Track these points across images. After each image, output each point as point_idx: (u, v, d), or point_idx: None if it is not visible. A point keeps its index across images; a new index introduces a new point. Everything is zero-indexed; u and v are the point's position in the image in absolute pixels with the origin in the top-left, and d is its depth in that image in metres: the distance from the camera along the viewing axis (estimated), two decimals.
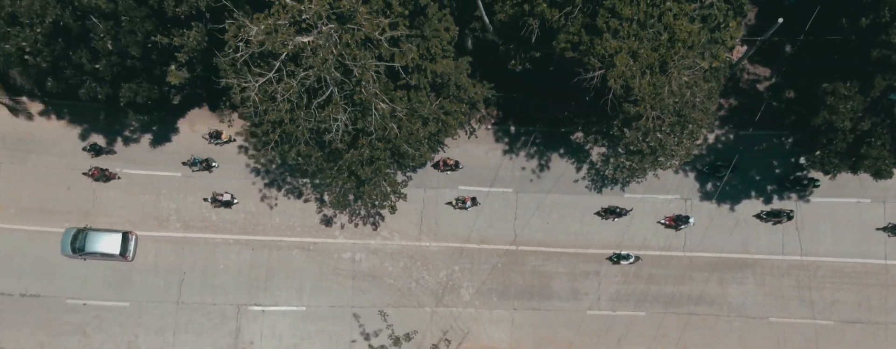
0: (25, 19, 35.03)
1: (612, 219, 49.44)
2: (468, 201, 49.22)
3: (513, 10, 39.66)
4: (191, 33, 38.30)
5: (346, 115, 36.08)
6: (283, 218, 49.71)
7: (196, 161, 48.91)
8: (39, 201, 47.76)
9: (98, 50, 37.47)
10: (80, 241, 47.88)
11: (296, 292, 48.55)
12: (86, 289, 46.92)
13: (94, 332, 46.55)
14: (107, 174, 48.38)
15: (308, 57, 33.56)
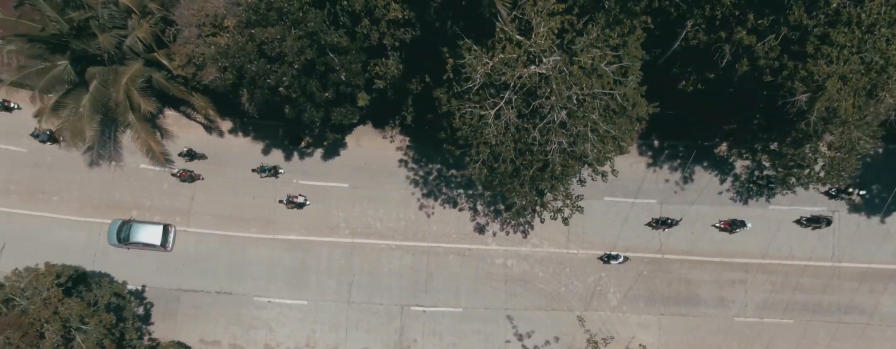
0: (289, 58, 39.28)
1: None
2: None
3: (707, 38, 40.81)
4: (390, 62, 42.06)
5: (566, 139, 38.53)
6: (440, 226, 53.49)
7: (265, 168, 52.87)
8: (230, 209, 53.60)
9: (329, 80, 41.76)
10: (125, 232, 52.48)
11: (453, 294, 52.29)
12: (270, 289, 52.44)
13: (278, 327, 52.09)
14: (193, 175, 52.98)
15: (542, 88, 36.37)
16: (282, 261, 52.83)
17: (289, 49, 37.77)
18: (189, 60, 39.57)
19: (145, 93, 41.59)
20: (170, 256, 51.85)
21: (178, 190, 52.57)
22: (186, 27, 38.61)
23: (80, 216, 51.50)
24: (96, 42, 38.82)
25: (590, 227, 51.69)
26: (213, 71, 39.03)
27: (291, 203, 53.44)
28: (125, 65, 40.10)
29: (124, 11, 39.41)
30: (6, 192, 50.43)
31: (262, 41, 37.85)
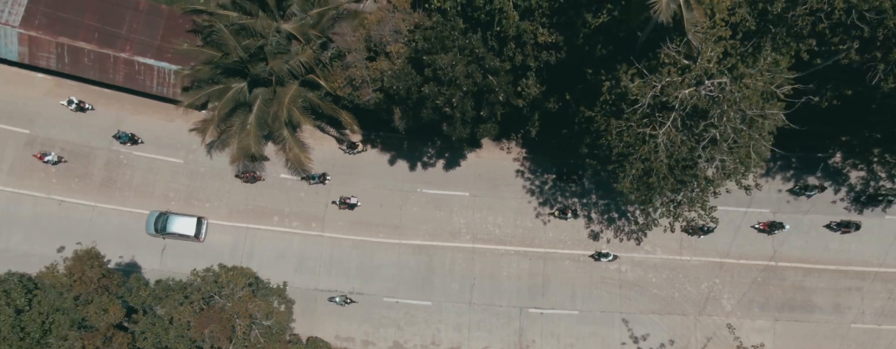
0: (459, 81, 42.64)
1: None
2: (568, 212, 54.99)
3: (860, 57, 42.12)
4: (530, 82, 45.10)
5: (727, 156, 40.88)
6: (556, 232, 55.87)
7: (314, 176, 55.88)
8: (360, 215, 57.48)
9: (485, 100, 44.85)
10: (162, 223, 55.37)
11: (569, 298, 54.54)
12: (398, 290, 55.99)
13: (405, 326, 55.58)
14: (255, 177, 56.37)
15: (713, 109, 38.74)
16: (408, 265, 56.38)
17: (460, 73, 41.02)
18: (349, 82, 43.56)
19: (304, 110, 45.89)
20: (308, 258, 56.14)
21: (315, 198, 56.85)
22: (347, 52, 42.56)
23: (229, 221, 56.46)
24: (266, 66, 43.35)
25: (704, 235, 52.98)
26: (369, 91, 42.92)
27: (344, 204, 56.74)
28: (284, 86, 44.45)
29: (287, 38, 43.80)
30: (166, 199, 55.80)
31: (436, 66, 41.17)
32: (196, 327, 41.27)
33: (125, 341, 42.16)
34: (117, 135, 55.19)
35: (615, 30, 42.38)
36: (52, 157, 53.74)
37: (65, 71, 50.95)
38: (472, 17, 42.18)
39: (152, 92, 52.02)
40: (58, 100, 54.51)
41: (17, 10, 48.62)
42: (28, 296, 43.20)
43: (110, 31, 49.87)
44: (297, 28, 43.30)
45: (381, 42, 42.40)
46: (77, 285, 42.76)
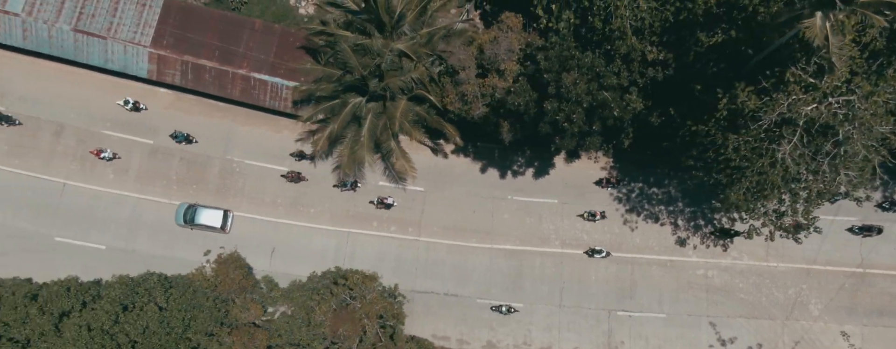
0: (581, 98, 44.76)
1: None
2: (597, 215, 56.56)
3: None
4: (633, 97, 46.79)
5: (854, 171, 42.56)
6: (643, 239, 57.42)
7: (346, 184, 58.07)
8: (454, 221, 59.99)
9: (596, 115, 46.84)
10: (190, 215, 57.43)
11: (657, 301, 55.99)
12: (490, 292, 58.24)
13: (498, 327, 57.74)
14: (300, 177, 58.62)
15: (842, 126, 40.38)
16: (500, 268, 58.60)
17: (582, 91, 43.40)
18: (461, 97, 46.32)
19: (414, 124, 48.83)
20: (405, 261, 58.82)
21: (411, 204, 59.59)
22: (461, 69, 45.31)
23: (331, 225, 59.60)
24: (379, 83, 46.35)
25: (790, 242, 53.74)
26: (480, 106, 45.57)
27: (381, 204, 59.17)
28: (394, 101, 47.37)
29: (399, 56, 46.75)
30: (274, 205, 59.29)
31: (560, 84, 43.52)
32: (330, 326, 44.30)
33: (264, 337, 45.45)
34: (174, 134, 58.38)
35: (731, 49, 44.06)
36: (107, 153, 57.06)
37: (187, 86, 54.91)
38: (585, 36, 44.43)
39: (265, 105, 55.58)
40: (179, 113, 58.72)
41: (147, 32, 52.81)
42: (165, 294, 47.07)
43: (229, 50, 53.67)
44: (409, 47, 46.20)
45: (494, 60, 44.91)
46: (221, 285, 46.16)
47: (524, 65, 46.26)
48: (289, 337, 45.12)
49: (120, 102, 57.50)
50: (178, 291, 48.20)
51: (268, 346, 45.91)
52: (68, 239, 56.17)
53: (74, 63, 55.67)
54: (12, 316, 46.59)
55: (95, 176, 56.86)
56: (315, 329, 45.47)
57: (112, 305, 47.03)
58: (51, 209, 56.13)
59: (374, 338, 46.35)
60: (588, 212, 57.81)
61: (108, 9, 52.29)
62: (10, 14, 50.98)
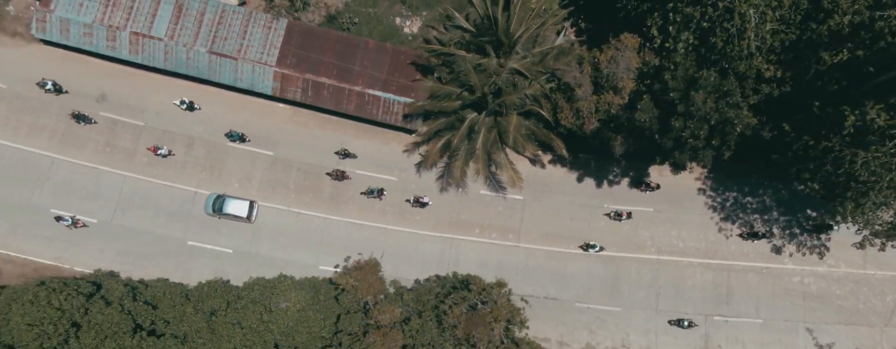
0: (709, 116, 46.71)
1: None
2: (623, 215, 58.12)
3: None
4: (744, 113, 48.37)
5: None
6: (738, 246, 58.52)
7: (372, 190, 60.55)
8: (552, 228, 62.12)
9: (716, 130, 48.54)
10: (218, 204, 60.09)
11: (753, 307, 56.96)
12: (588, 296, 60.15)
13: (597, 329, 59.62)
14: (344, 175, 61.10)
15: None
16: (597, 274, 60.49)
17: (711, 109, 45.43)
18: (576, 113, 48.82)
19: (527, 137, 51.53)
20: (506, 266, 61.11)
21: (511, 212, 62.05)
22: (577, 86, 47.83)
23: (436, 232, 62.53)
24: (495, 99, 49.20)
25: (890, 249, 54.05)
26: (594, 121, 47.98)
27: (417, 203, 61.56)
28: (507, 116, 50.13)
29: (513, 74, 49.53)
30: (383, 213, 62.56)
31: (690, 102, 45.69)
32: (463, 328, 47.00)
33: (400, 338, 48.32)
34: (229, 133, 61.73)
35: (855, 66, 45.44)
36: (163, 150, 60.61)
37: (307, 102, 58.80)
38: (703, 55, 46.34)
39: (377, 119, 59.00)
40: (297, 126, 62.68)
41: (272, 53, 56.93)
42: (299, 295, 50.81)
43: (346, 68, 57.35)
44: (523, 65, 48.89)
45: (612, 78, 47.20)
46: (360, 289, 49.37)
47: (643, 83, 48.28)
48: (422, 338, 47.79)
49: (176, 102, 61.11)
50: (308, 293, 51.83)
51: (402, 346, 48.76)
52: (199, 243, 60.54)
53: (203, 81, 60.39)
54: (171, 314, 50.88)
55: (223, 185, 61.23)
56: (447, 331, 48.22)
57: (255, 305, 50.88)
58: (184, 215, 60.60)
59: (498, 342, 48.86)
60: (614, 211, 60.08)
61: (239, 32, 56.66)
62: (155, 39, 55.79)
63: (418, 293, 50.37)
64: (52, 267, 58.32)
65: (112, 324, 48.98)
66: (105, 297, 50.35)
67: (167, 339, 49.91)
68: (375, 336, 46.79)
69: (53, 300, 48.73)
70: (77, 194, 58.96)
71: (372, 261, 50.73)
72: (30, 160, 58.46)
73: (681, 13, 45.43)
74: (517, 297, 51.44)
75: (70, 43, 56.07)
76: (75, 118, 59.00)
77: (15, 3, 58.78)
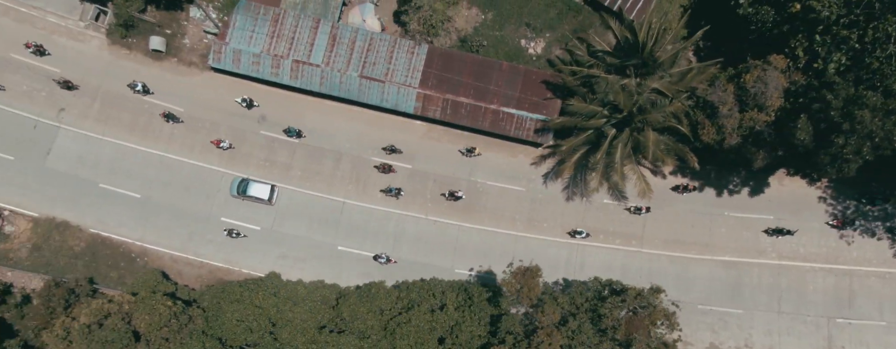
0: (875, 133, 48.46)
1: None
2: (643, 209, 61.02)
3: None
4: None
5: None
6: (860, 252, 59.53)
7: (391, 189, 63.37)
8: (674, 234, 63.95)
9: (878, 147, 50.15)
10: (242, 187, 63.72)
11: (877, 310, 57.88)
12: (711, 299, 62.10)
13: (720, 330, 61.55)
14: (390, 168, 64.35)
15: None
16: (719, 278, 62.43)
17: (876, 126, 47.44)
18: (718, 129, 51.62)
19: (666, 152, 54.57)
20: (630, 270, 63.64)
21: (633, 219, 64.66)
22: (721, 104, 50.64)
23: (563, 238, 65.80)
24: (642, 116, 52.72)
25: None
26: (736, 137, 50.71)
27: (452, 196, 64.64)
28: (644, 132, 53.17)
29: (653, 93, 52.76)
30: (513, 220, 66.20)
31: (856, 120, 47.62)
32: (623, 330, 50.07)
33: (560, 338, 51.41)
34: (286, 129, 65.69)
35: None
36: (225, 143, 64.94)
37: (445, 120, 63.17)
38: (858, 75, 48.67)
39: (510, 134, 62.87)
40: (432, 142, 67.09)
41: (415, 75, 61.61)
42: (454, 296, 55.22)
43: (482, 87, 61.50)
44: (663, 85, 51.91)
45: (759, 96, 49.52)
46: (523, 292, 52.95)
47: (792, 101, 50.63)
48: (579, 338, 50.77)
49: (238, 100, 65.52)
50: (461, 295, 56.00)
51: (560, 346, 52.00)
52: (348, 248, 65.65)
53: (349, 101, 65.55)
54: (348, 313, 55.82)
55: (368, 195, 66.07)
56: (607, 332, 51.30)
57: (420, 306, 55.21)
58: (334, 223, 65.83)
59: (655, 344, 51.56)
60: (634, 206, 62.91)
61: (386, 57, 61.62)
62: (313, 65, 61.34)
63: (571, 296, 53.52)
64: (224, 269, 64.56)
65: (301, 322, 54.12)
66: (291, 298, 55.68)
67: (348, 336, 54.72)
68: (542, 335, 49.99)
69: (255, 299, 54.18)
70: (244, 204, 65.00)
71: (534, 268, 54.07)
72: (203, 174, 64.87)
73: (834, 35, 47.32)
74: (668, 302, 54.03)
75: (240, 70, 62.21)
76: (166, 117, 64.02)
77: (189, 37, 65.50)
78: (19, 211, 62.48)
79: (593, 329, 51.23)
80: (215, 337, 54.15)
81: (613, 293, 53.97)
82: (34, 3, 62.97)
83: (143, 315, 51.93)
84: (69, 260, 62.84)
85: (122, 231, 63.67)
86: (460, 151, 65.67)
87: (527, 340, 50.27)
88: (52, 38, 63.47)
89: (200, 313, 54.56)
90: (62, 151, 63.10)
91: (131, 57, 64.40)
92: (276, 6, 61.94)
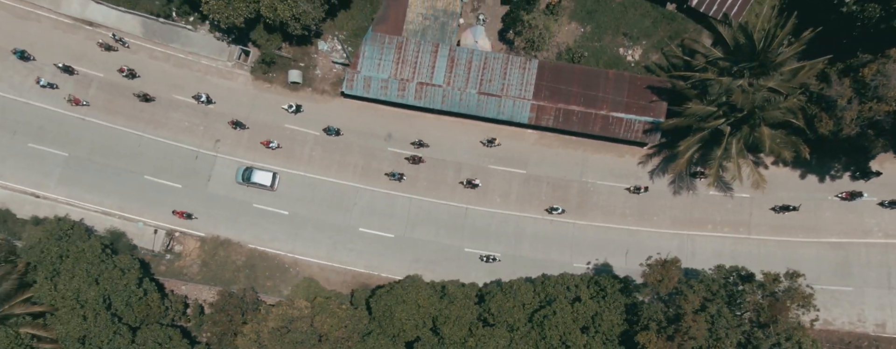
0: None
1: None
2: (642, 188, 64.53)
3: None
4: None
5: None
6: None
7: (394, 174, 66.24)
8: (779, 220, 66.41)
9: None
10: (246, 174, 68.59)
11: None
12: (820, 278, 64.04)
13: (831, 307, 63.94)
14: (420, 159, 67.35)
15: None
16: (827, 258, 64.96)
17: None
18: (837, 122, 54.49)
19: (783, 145, 57.72)
20: (740, 256, 66.33)
21: (740, 208, 67.58)
22: (839, 98, 53.63)
23: (673, 229, 68.99)
24: (761, 113, 55.79)
25: None
26: (855, 127, 53.68)
27: (469, 184, 68.43)
28: (758, 128, 56.15)
29: (769, 91, 55.99)
30: (624, 215, 69.69)
31: None
32: (766, 314, 52.99)
33: (703, 323, 54.32)
34: (326, 128, 69.92)
35: None
36: (274, 144, 69.60)
37: (557, 127, 67.31)
38: None
39: (619, 137, 66.62)
40: (543, 147, 71.19)
41: (528, 88, 66.01)
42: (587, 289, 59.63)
43: (591, 95, 65.49)
44: (778, 84, 55.03)
45: (878, 87, 51.91)
46: (663, 284, 56.42)
47: None
48: (720, 322, 53.63)
49: (285, 107, 70.34)
50: (592, 287, 60.02)
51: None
52: (473, 249, 70.35)
53: (464, 115, 70.25)
54: (495, 308, 60.25)
55: (487, 201, 70.67)
56: (744, 315, 54.36)
57: (561, 300, 59.19)
58: (459, 228, 70.64)
59: (794, 325, 54.28)
60: (634, 185, 66.87)
61: (500, 74, 66.22)
62: (436, 86, 66.42)
63: (707, 284, 56.74)
64: (365, 274, 70.06)
65: (457, 318, 58.80)
66: (448, 296, 60.54)
67: (499, 328, 59.22)
68: (688, 321, 53.22)
69: (418, 299, 59.21)
70: (377, 215, 70.36)
71: (673, 259, 57.33)
72: (340, 190, 70.52)
73: None
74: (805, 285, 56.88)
75: (370, 95, 67.71)
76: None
77: (321, 68, 71.38)
78: (189, 232, 69.38)
79: (731, 313, 54.30)
80: (390, 335, 59.35)
81: (741, 279, 56.96)
82: (190, 50, 69.86)
83: (324, 318, 57.46)
84: (233, 272, 69.36)
85: (275, 244, 69.91)
86: (482, 142, 70.75)
87: (672, 326, 53.68)
88: (206, 78, 70.23)
89: (365, 315, 59.95)
90: (220, 177, 69.75)
91: (272, 90, 70.68)
92: (399, 35, 67.21)
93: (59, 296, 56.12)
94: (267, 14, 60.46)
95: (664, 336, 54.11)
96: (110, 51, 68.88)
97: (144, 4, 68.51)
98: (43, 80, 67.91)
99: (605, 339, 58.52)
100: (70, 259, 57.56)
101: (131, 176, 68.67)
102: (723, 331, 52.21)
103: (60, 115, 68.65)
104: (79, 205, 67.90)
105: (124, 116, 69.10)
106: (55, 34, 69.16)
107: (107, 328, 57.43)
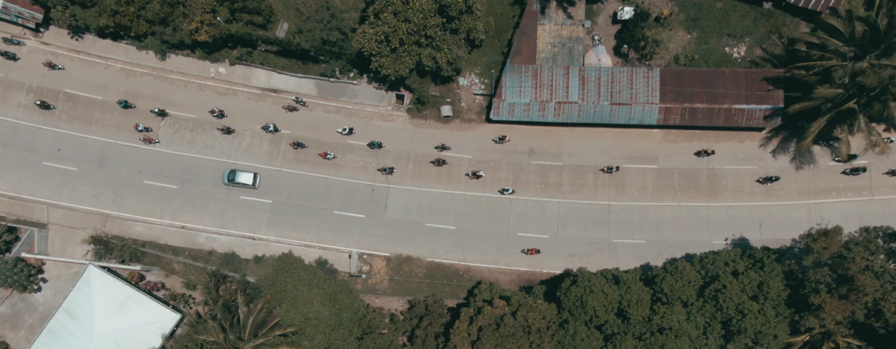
0: None
1: None
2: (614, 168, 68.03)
3: None
4: None
5: None
6: None
7: (386, 168, 69.45)
8: None
9: None
10: (231, 176, 74.51)
11: None
12: None
13: None
14: (443, 162, 71.95)
15: None
16: None
17: None
18: None
19: None
20: (866, 219, 70.37)
21: (858, 175, 71.58)
22: None
23: (800, 200, 73.31)
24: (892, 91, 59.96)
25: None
26: None
27: (475, 176, 73.27)
28: (885, 103, 60.25)
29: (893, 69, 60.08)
30: (752, 194, 74.37)
31: None
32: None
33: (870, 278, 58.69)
34: (370, 143, 75.82)
35: None
36: (331, 155, 75.77)
37: (684, 124, 72.79)
38: None
39: (742, 125, 71.57)
40: (669, 143, 76.45)
41: (655, 94, 71.67)
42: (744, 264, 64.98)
43: (712, 93, 70.70)
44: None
45: None
46: (829, 250, 61.28)
47: None
48: (886, 277, 57.39)
49: (339, 130, 76.88)
50: (746, 260, 65.05)
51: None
52: (621, 239, 76.13)
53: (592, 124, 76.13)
54: (668, 288, 64.69)
55: (626, 195, 76.35)
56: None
57: (724, 276, 63.95)
58: (604, 222, 76.52)
59: None
60: (607, 166, 73.04)
61: (627, 84, 72.04)
62: (572, 103, 72.74)
63: (865, 245, 61.05)
64: (529, 272, 76.64)
65: (638, 300, 64.19)
66: (623, 282, 66.45)
67: (675, 305, 64.67)
68: (862, 279, 57.32)
69: (604, 288, 64.87)
70: (531, 219, 76.86)
71: (837, 227, 61.86)
72: (497, 203, 77.27)
73: None
74: None
75: (514, 118, 74.44)
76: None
77: (464, 100, 78.49)
78: (376, 253, 77.33)
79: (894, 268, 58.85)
80: (581, 321, 65.61)
81: (889, 237, 61.23)
82: (354, 100, 78.03)
83: (525, 312, 64.02)
84: (416, 283, 76.90)
85: (448, 255, 77.19)
86: (493, 140, 76.87)
87: (845, 285, 58.24)
88: (372, 123, 78.27)
89: (555, 306, 66.39)
90: (395, 204, 77.48)
91: (427, 125, 78.17)
92: (533, 63, 73.76)
93: (301, 317, 64.52)
94: (427, 63, 67.79)
95: (836, 295, 58.58)
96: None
97: (313, 68, 76.99)
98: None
99: (774, 305, 63.27)
100: (303, 286, 65.90)
101: (323, 212, 77.13)
102: (889, 285, 56.63)
103: (263, 169, 77.90)
104: (286, 242, 76.77)
105: (311, 164, 77.70)
106: (249, 103, 78.41)
107: (344, 340, 65.54)
